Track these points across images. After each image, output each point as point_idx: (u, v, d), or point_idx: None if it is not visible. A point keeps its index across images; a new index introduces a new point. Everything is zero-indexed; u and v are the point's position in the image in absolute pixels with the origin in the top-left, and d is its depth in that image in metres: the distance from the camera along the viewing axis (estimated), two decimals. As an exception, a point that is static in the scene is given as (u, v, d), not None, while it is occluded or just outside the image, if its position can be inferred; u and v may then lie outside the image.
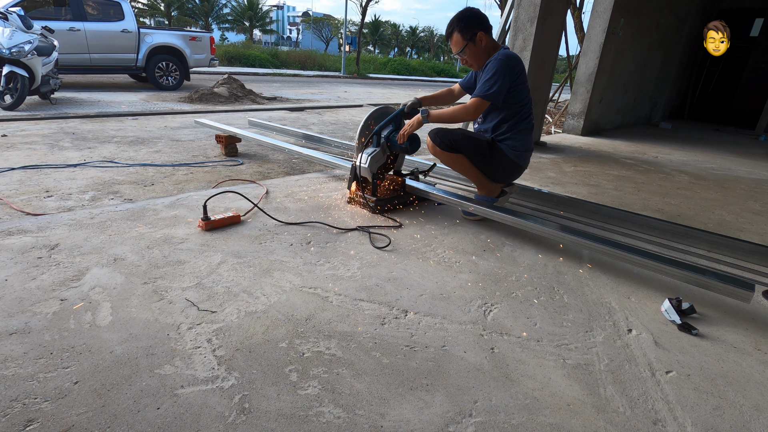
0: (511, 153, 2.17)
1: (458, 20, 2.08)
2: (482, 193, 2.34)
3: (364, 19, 24.60)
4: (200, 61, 9.11)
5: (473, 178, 2.30)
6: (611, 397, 1.12)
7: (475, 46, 2.09)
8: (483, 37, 2.07)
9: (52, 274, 1.49)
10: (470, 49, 2.10)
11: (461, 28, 2.07)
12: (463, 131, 2.19)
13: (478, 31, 2.06)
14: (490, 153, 2.18)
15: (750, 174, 4.36)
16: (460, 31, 2.08)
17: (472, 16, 2.08)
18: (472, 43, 2.08)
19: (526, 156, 2.23)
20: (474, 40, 2.07)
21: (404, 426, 0.99)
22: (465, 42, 2.08)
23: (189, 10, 31.76)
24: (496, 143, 2.18)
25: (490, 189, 2.32)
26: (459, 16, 2.10)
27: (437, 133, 2.18)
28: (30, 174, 2.88)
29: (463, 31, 2.07)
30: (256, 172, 3.29)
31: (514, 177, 2.32)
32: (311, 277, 1.61)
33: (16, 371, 1.06)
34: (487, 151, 2.18)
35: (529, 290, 1.64)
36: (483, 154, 2.18)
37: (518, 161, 2.20)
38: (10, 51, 5.03)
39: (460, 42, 2.09)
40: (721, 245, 2.06)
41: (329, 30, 47.52)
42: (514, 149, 2.17)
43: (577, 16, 7.52)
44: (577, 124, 6.08)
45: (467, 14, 2.09)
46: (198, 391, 1.04)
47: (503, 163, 2.19)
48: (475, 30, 2.06)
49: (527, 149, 2.22)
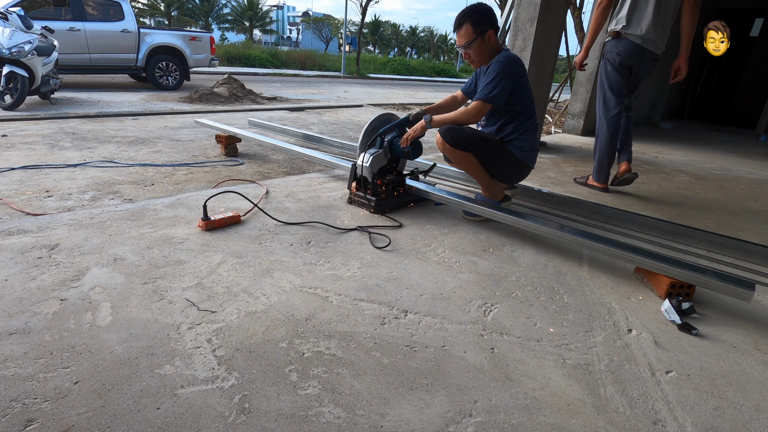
0: (519, 153, 2.17)
1: (473, 12, 2.04)
2: (486, 195, 2.33)
3: (364, 19, 24.61)
4: (200, 61, 9.11)
5: (479, 179, 2.29)
6: (611, 397, 1.12)
7: (483, 43, 2.07)
8: (492, 36, 2.07)
9: (52, 274, 1.49)
10: (478, 45, 2.07)
11: (474, 20, 2.03)
12: (474, 130, 2.19)
13: (489, 28, 2.05)
14: (499, 153, 2.18)
15: (750, 174, 4.36)
16: (472, 23, 2.03)
17: (487, 12, 2.05)
18: (481, 38, 2.06)
19: (533, 156, 2.23)
20: (483, 37, 2.06)
21: (404, 426, 0.99)
22: (475, 36, 2.05)
23: (189, 10, 31.77)
24: (504, 143, 2.18)
25: (494, 191, 2.31)
26: (474, 8, 2.06)
27: (447, 131, 2.17)
28: (30, 174, 2.88)
29: (476, 25, 2.03)
30: (256, 172, 3.29)
31: (520, 178, 2.33)
32: (311, 277, 1.61)
33: (16, 371, 1.06)
34: (496, 151, 2.18)
35: (529, 290, 1.64)
36: (492, 153, 2.18)
37: (526, 161, 2.20)
38: (10, 51, 5.03)
39: (470, 35, 2.05)
40: (721, 245, 2.06)
41: (329, 30, 47.54)
42: (521, 149, 2.17)
43: (577, 16, 7.52)
44: (577, 124, 6.08)
45: (483, 8, 2.05)
46: (198, 391, 1.04)
47: (511, 162, 2.19)
48: (486, 26, 2.04)
49: (533, 149, 2.21)
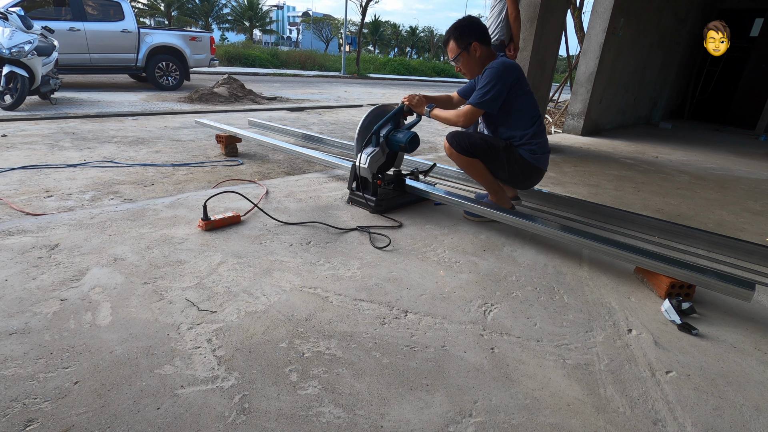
0: (530, 157, 2.14)
1: (455, 28, 2.13)
2: (493, 200, 2.31)
3: (364, 19, 24.60)
4: (200, 61, 9.11)
5: (486, 185, 2.27)
6: (611, 397, 1.12)
7: (468, 56, 2.13)
8: (478, 48, 2.10)
9: (52, 274, 1.49)
10: (463, 58, 2.14)
11: (456, 36, 2.12)
12: (482, 135, 2.18)
13: (473, 41, 2.09)
14: (507, 158, 2.15)
15: (750, 174, 4.36)
16: (455, 39, 2.12)
17: (468, 26, 2.11)
18: (465, 52, 2.12)
19: (545, 158, 2.19)
20: (468, 50, 2.11)
21: (404, 426, 0.99)
22: (459, 50, 2.13)
23: (189, 10, 31.74)
24: (513, 148, 2.15)
25: (501, 198, 2.29)
26: (456, 24, 2.14)
27: (454, 136, 2.17)
28: (30, 174, 2.88)
29: (458, 40, 2.11)
30: (256, 172, 3.29)
31: (534, 182, 2.27)
32: (311, 277, 1.61)
33: (16, 371, 1.06)
34: (504, 156, 2.15)
35: (529, 290, 1.64)
36: (499, 159, 2.15)
37: (537, 164, 2.16)
38: (10, 51, 5.02)
39: (455, 50, 2.14)
40: (721, 245, 2.06)
41: (329, 30, 47.52)
42: (531, 153, 2.13)
43: (577, 16, 7.51)
44: (577, 124, 6.08)
45: (464, 23, 2.13)
46: (198, 391, 1.04)
47: (521, 166, 2.15)
48: (469, 39, 2.09)
49: (544, 151, 2.18)
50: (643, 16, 6.23)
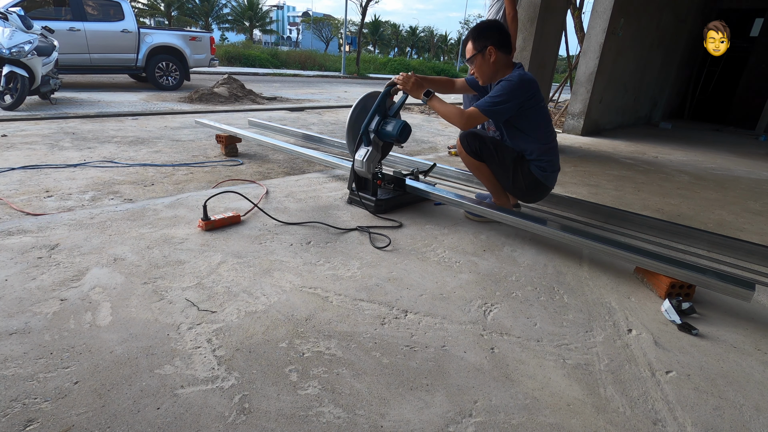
0: (539, 173, 2.11)
1: (475, 29, 2.11)
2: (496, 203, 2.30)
3: (364, 19, 24.60)
4: (200, 61, 9.10)
5: (490, 189, 2.26)
6: (611, 397, 1.12)
7: (483, 59, 2.08)
8: (493, 52, 2.05)
9: (52, 274, 1.49)
10: (478, 60, 2.10)
11: (475, 37, 2.09)
12: (495, 140, 2.16)
13: (490, 44, 2.05)
14: (515, 169, 2.12)
15: (750, 174, 4.36)
16: (473, 40, 2.10)
17: (488, 29, 2.08)
18: (480, 54, 2.08)
19: (553, 177, 2.16)
20: (483, 53, 2.07)
21: (404, 426, 0.99)
22: (474, 52, 2.09)
23: (189, 10, 31.74)
24: (525, 161, 2.13)
25: (504, 201, 2.28)
26: (477, 25, 2.13)
27: (467, 136, 2.16)
28: (30, 174, 2.88)
29: (475, 41, 2.09)
30: (256, 172, 3.29)
31: (538, 197, 2.23)
32: (311, 277, 1.61)
33: (16, 371, 1.06)
34: (512, 167, 2.12)
35: (529, 290, 1.64)
36: (507, 168, 2.13)
37: (545, 182, 2.14)
38: (10, 51, 5.02)
39: (471, 51, 2.11)
40: (721, 245, 2.06)
41: (329, 30, 47.52)
42: (542, 170, 2.11)
43: (577, 16, 7.52)
44: (577, 124, 6.08)
45: (484, 25, 2.11)
46: (198, 391, 1.04)
47: (527, 181, 2.12)
48: (486, 42, 2.05)
49: (554, 170, 2.15)
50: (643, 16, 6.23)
